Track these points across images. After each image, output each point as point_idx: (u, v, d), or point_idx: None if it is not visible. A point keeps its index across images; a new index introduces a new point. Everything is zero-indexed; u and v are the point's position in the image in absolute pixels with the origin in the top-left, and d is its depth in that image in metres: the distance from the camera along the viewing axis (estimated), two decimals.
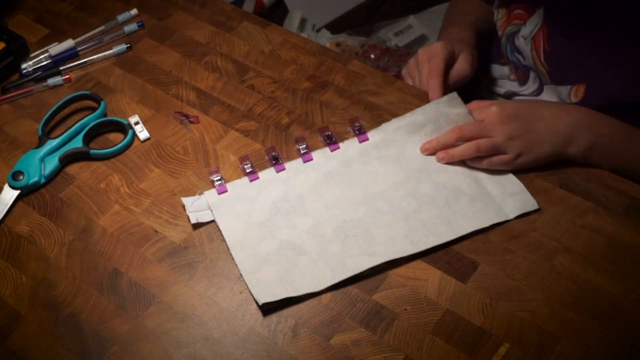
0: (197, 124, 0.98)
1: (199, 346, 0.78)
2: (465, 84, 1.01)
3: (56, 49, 1.07)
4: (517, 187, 0.88)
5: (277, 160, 0.92)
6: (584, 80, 0.93)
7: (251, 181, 0.90)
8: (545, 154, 0.88)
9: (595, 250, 0.82)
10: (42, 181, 0.92)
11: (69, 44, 1.07)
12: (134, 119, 0.98)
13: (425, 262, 0.82)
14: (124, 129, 0.97)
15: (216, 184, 0.90)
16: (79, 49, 1.08)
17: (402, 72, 1.04)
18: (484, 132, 0.88)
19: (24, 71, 1.05)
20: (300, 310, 0.80)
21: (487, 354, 0.75)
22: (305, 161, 0.92)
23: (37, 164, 0.93)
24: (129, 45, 1.08)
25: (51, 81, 1.04)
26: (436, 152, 0.91)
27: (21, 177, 0.91)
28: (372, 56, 1.57)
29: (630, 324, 0.77)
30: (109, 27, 1.11)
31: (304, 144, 0.93)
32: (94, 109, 0.98)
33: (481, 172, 0.89)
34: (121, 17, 1.11)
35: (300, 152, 0.93)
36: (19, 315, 0.81)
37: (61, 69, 1.05)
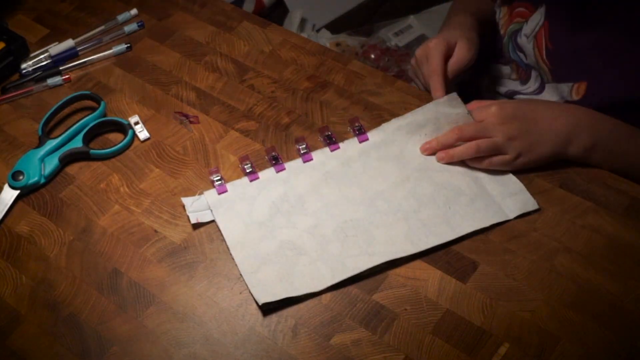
0: (197, 124, 0.98)
1: (199, 346, 0.78)
2: (467, 81, 1.00)
3: (56, 49, 1.07)
4: (517, 187, 0.88)
5: (277, 160, 0.92)
6: (585, 77, 0.93)
7: (251, 181, 0.90)
8: (545, 154, 0.88)
9: (595, 250, 0.82)
10: (42, 181, 0.92)
11: (69, 44, 1.07)
12: (134, 119, 0.98)
13: (425, 262, 0.82)
14: (124, 129, 0.97)
15: (216, 184, 0.90)
16: (79, 49, 1.08)
17: (408, 73, 1.04)
18: (484, 132, 0.88)
19: (24, 71, 1.05)
20: (300, 310, 0.80)
21: (487, 354, 0.75)
22: (305, 161, 0.92)
23: (37, 164, 0.93)
24: (129, 45, 1.08)
25: (51, 81, 1.04)
26: (436, 152, 0.91)
27: (21, 177, 0.91)
28: (372, 56, 1.57)
29: (630, 324, 0.77)
30: (109, 27, 1.11)
31: (304, 144, 0.93)
32: (94, 109, 0.98)
33: (481, 172, 0.89)
34: (121, 17, 1.11)
35: (300, 152, 0.93)
36: (19, 315, 0.81)
37: (61, 69, 1.05)
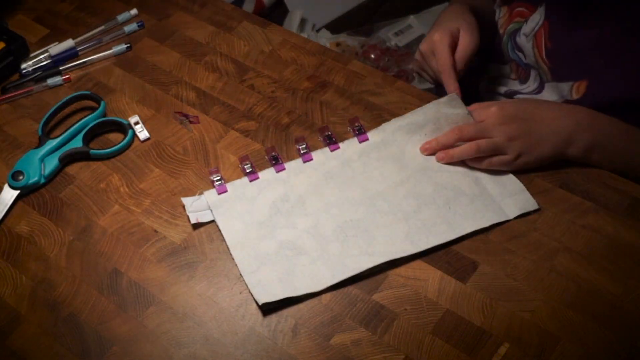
0: (197, 124, 0.98)
1: (199, 346, 0.78)
2: (467, 82, 1.00)
3: (56, 49, 1.07)
4: (517, 187, 0.88)
5: (277, 160, 0.92)
6: (585, 76, 0.93)
7: (251, 181, 0.90)
8: (545, 155, 0.88)
9: (595, 250, 0.82)
10: (42, 181, 0.92)
11: (68, 44, 1.07)
12: (134, 119, 0.98)
13: (425, 262, 0.82)
14: (124, 129, 0.97)
15: (216, 184, 0.90)
16: (78, 49, 1.08)
17: (412, 70, 1.03)
18: (484, 133, 0.88)
19: (24, 71, 1.05)
20: (300, 310, 0.80)
21: (487, 354, 0.75)
22: (305, 161, 0.92)
23: (37, 164, 0.93)
24: (128, 45, 1.08)
25: (51, 81, 1.04)
26: (436, 152, 0.91)
27: (21, 177, 0.91)
28: (372, 56, 1.58)
29: (630, 324, 0.77)
30: (108, 27, 1.11)
31: (304, 144, 0.93)
32: (94, 109, 0.98)
33: (481, 172, 0.89)
34: (121, 17, 1.11)
35: (300, 152, 0.93)
36: (19, 315, 0.81)
37: (61, 69, 1.05)
